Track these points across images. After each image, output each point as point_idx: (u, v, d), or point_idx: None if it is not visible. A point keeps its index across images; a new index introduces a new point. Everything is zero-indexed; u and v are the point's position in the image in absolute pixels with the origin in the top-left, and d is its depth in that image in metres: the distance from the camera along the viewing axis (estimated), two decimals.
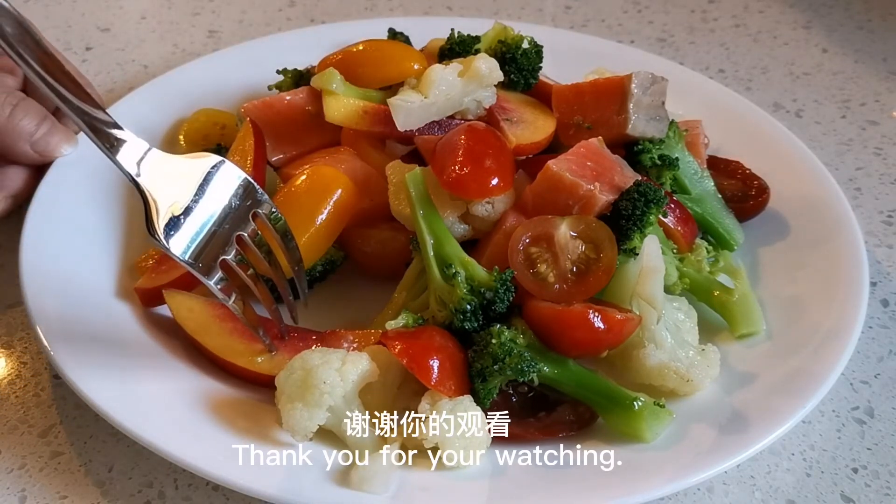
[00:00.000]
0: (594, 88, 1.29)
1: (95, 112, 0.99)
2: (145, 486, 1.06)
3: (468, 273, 1.10)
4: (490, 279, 1.09)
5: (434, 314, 1.12)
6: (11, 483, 1.06)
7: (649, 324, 1.11)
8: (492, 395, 1.05)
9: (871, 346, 1.27)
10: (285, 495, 0.96)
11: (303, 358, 1.03)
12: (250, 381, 1.11)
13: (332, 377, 0.99)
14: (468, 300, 1.09)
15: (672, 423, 1.06)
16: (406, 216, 1.18)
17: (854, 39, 1.95)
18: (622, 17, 2.02)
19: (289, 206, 1.18)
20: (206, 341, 1.12)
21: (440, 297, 1.11)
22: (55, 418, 1.13)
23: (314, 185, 1.21)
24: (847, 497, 1.08)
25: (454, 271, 1.10)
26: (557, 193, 1.15)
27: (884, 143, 1.65)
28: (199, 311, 1.15)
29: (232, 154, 1.28)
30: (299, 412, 0.99)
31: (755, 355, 1.16)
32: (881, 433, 1.16)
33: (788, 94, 1.77)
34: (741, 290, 1.21)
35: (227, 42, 1.87)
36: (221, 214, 1.06)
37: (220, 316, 1.14)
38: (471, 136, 1.18)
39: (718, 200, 1.33)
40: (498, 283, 1.09)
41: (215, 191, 1.06)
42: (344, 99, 1.29)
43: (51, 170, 1.31)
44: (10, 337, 1.24)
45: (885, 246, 1.43)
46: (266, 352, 1.11)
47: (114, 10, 1.98)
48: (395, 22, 1.58)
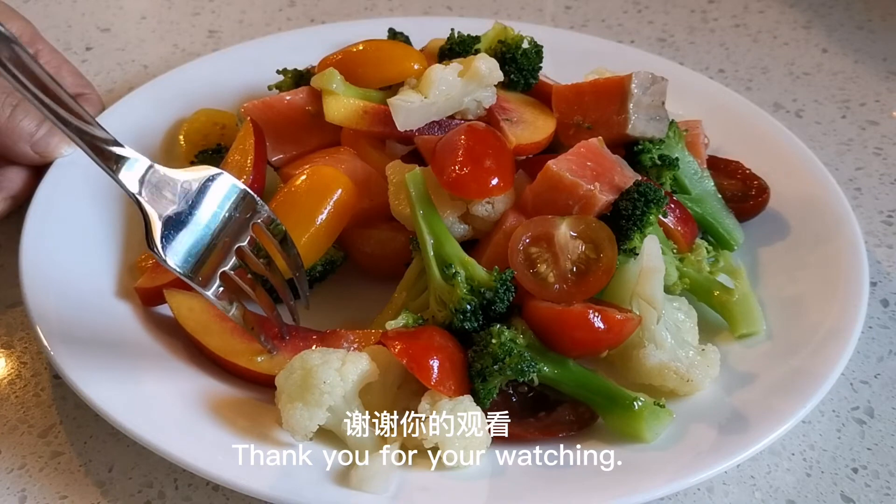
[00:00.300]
0: (594, 88, 1.29)
1: (94, 130, 0.99)
2: (145, 486, 1.06)
3: (468, 273, 1.10)
4: (490, 279, 1.09)
5: (434, 314, 1.12)
6: (11, 483, 1.06)
7: (649, 324, 1.11)
8: (492, 395, 1.05)
9: (871, 346, 1.27)
10: (285, 495, 0.96)
11: (303, 358, 1.03)
12: (250, 380, 1.11)
13: (331, 377, 0.99)
14: (468, 300, 1.09)
15: (672, 423, 1.06)
16: (406, 216, 1.18)
17: (854, 39, 1.95)
18: (622, 17, 2.02)
19: (289, 206, 1.19)
20: (207, 341, 1.12)
21: (440, 297, 1.11)
22: (55, 418, 1.13)
23: (314, 184, 1.21)
24: (847, 497, 1.08)
25: (454, 271, 1.10)
26: (557, 193, 1.15)
27: (884, 143, 1.65)
28: (199, 311, 1.15)
29: (232, 153, 1.28)
30: (299, 412, 0.99)
31: (755, 355, 1.16)
32: (881, 433, 1.16)
33: (788, 94, 1.77)
34: (741, 290, 1.21)
35: (227, 42, 1.87)
36: (220, 226, 1.07)
37: (220, 315, 1.14)
38: (471, 136, 1.18)
39: (718, 200, 1.33)
40: (498, 283, 1.09)
41: (213, 203, 1.07)
42: (344, 99, 1.29)
43: (51, 170, 1.32)
44: (10, 337, 1.24)
45: (885, 246, 1.43)
46: (266, 351, 1.11)
47: (114, 10, 1.98)
48: (395, 22, 1.58)
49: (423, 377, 1.03)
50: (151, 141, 1.45)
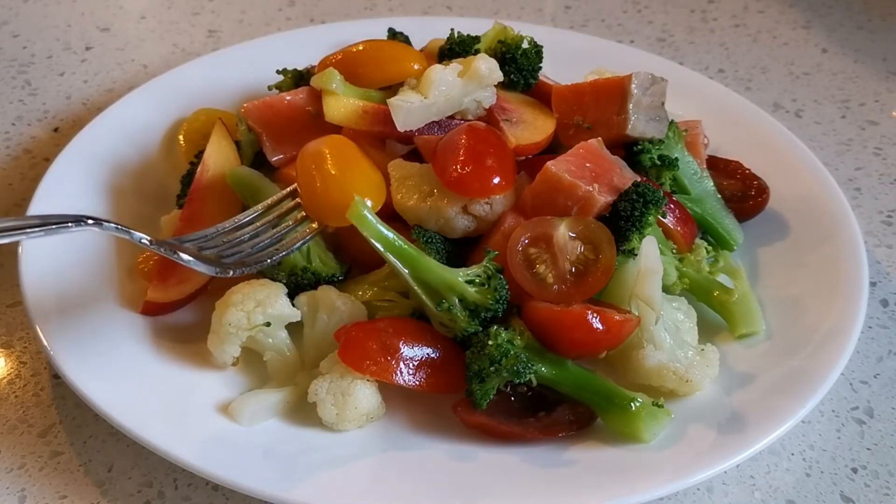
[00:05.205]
0: (594, 89, 1.29)
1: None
2: (145, 486, 1.06)
3: (459, 297, 1.10)
4: (484, 296, 1.09)
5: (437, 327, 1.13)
6: (11, 483, 1.06)
7: (648, 324, 1.11)
8: (489, 396, 1.05)
9: (870, 346, 1.27)
10: (285, 495, 0.96)
11: (231, 292, 1.13)
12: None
13: (237, 318, 1.10)
14: (473, 328, 1.09)
15: (672, 423, 1.07)
16: (409, 209, 1.18)
17: (854, 39, 1.95)
18: (622, 17, 2.02)
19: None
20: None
21: (442, 323, 1.11)
22: (55, 418, 1.13)
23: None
24: (847, 497, 1.08)
25: (447, 306, 1.09)
26: (556, 194, 1.15)
27: (883, 143, 1.65)
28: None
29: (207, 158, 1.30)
30: (214, 344, 1.12)
31: (754, 355, 1.16)
32: (881, 433, 1.16)
33: (788, 94, 1.78)
34: (741, 290, 1.21)
35: (227, 42, 1.87)
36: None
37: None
38: (472, 135, 1.18)
39: (718, 200, 1.33)
40: (492, 300, 1.09)
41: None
42: (344, 99, 1.29)
43: (50, 170, 1.32)
44: (9, 337, 1.25)
45: (885, 246, 1.43)
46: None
47: (114, 9, 1.98)
48: (395, 22, 1.58)
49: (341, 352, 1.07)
50: (151, 140, 1.45)
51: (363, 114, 1.28)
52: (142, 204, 1.35)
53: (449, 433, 1.07)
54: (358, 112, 1.28)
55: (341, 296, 1.15)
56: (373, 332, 1.08)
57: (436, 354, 1.09)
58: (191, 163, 1.38)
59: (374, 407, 1.07)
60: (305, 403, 1.08)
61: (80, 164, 1.35)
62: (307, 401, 1.07)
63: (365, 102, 1.29)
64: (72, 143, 1.38)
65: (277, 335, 1.13)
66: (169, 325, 1.18)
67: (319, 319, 1.14)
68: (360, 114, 1.28)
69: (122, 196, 1.34)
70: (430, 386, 1.08)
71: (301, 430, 1.07)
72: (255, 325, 1.10)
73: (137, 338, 1.15)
